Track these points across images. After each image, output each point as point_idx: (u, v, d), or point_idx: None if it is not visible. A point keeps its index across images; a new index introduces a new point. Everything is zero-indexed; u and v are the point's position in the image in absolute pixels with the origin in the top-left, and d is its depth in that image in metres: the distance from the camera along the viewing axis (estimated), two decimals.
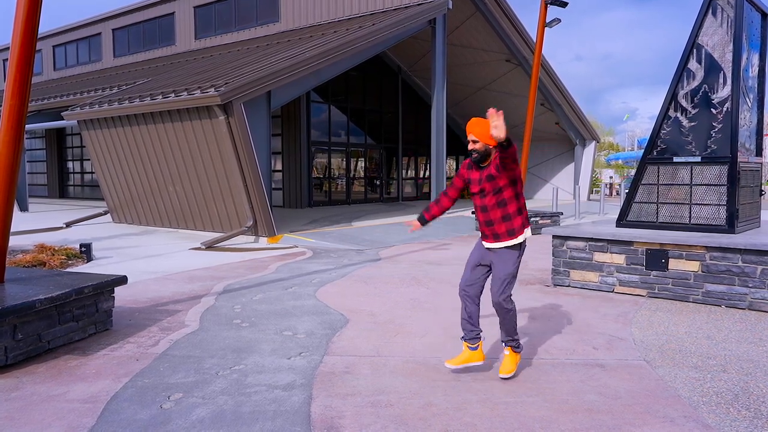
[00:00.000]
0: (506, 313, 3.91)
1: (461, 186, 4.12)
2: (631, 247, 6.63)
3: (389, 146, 23.07)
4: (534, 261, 9.08)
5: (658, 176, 6.96)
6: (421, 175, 24.95)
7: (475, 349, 4.01)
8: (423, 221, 4.23)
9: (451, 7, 15.78)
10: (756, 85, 7.16)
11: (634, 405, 3.58)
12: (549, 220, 13.55)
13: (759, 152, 7.28)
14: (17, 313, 4.17)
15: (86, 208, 19.17)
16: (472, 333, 4.00)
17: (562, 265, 7.15)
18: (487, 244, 3.98)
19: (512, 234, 3.90)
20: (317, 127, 19.95)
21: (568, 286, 7.10)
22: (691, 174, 6.74)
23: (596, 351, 4.62)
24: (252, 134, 10.96)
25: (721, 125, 6.54)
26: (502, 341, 4.07)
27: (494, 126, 3.40)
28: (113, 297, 5.22)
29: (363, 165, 22.32)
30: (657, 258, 6.43)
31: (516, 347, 4.04)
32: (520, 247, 3.95)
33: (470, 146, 3.89)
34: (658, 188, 6.97)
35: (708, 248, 6.14)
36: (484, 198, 3.91)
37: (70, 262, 8.72)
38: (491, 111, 3.43)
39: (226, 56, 17.40)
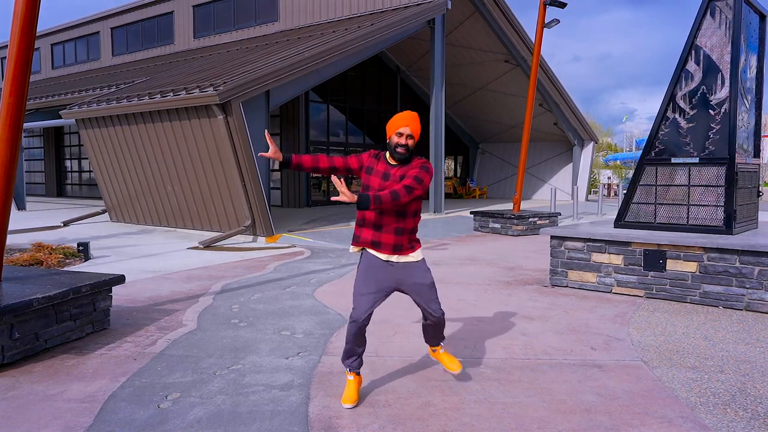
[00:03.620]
0: (443, 322, 3.68)
1: (351, 168, 3.58)
2: (629, 248, 6.63)
3: None
4: (532, 261, 9.09)
5: (656, 177, 6.97)
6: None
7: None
8: (288, 158, 3.62)
9: (450, 7, 15.78)
10: (754, 87, 7.17)
11: (631, 405, 3.58)
12: (547, 221, 13.57)
13: (757, 153, 7.29)
14: (14, 312, 4.16)
15: (84, 207, 19.14)
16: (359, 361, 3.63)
17: (560, 266, 7.16)
18: (383, 256, 3.52)
19: (412, 248, 3.58)
20: (316, 127, 19.95)
21: (566, 286, 7.11)
22: (689, 175, 6.75)
23: (594, 351, 4.62)
24: (250, 134, 10.95)
25: (719, 126, 6.55)
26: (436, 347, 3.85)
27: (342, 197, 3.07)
28: (111, 296, 5.22)
29: None
30: (655, 258, 6.44)
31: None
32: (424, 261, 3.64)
33: (402, 140, 3.41)
34: (656, 189, 6.98)
35: (706, 249, 6.15)
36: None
37: (67, 261, 8.71)
38: (334, 179, 3.11)
39: (225, 55, 17.38)
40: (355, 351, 3.57)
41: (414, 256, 3.61)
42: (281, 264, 8.79)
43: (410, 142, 3.43)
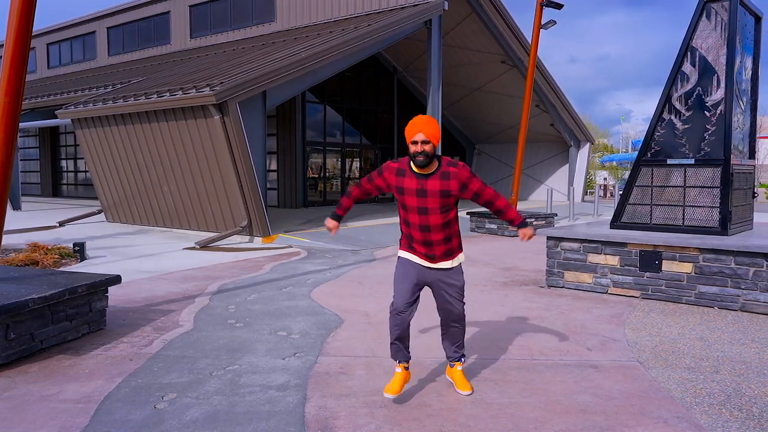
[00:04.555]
0: (464, 326, 3.74)
1: (381, 188, 3.66)
2: (625, 249, 6.65)
3: (385, 146, 23.07)
4: (528, 262, 9.11)
5: (652, 178, 6.99)
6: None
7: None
8: (337, 218, 3.90)
9: (446, 8, 15.79)
10: (749, 88, 7.20)
11: (627, 406, 3.59)
12: (543, 221, 13.59)
13: (752, 155, 7.32)
14: (10, 313, 4.15)
15: (80, 207, 19.09)
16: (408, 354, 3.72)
17: (556, 266, 7.17)
18: (424, 263, 3.60)
19: (451, 255, 3.60)
20: (312, 127, 19.94)
21: (562, 287, 7.12)
22: (685, 176, 6.78)
23: (590, 352, 4.63)
24: (247, 134, 10.94)
25: (714, 128, 6.58)
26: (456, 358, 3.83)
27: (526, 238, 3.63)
28: (107, 296, 5.20)
29: (358, 165, 22.31)
30: (650, 259, 6.46)
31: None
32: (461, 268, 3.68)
33: (419, 148, 3.35)
34: (651, 190, 7.00)
35: (701, 250, 6.17)
36: (427, 216, 3.47)
37: (63, 261, 8.69)
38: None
39: (222, 56, 17.36)
40: (400, 346, 3.64)
41: (455, 261, 3.66)
42: (278, 264, 8.78)
43: (427, 147, 3.36)
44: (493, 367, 4.24)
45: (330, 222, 3.92)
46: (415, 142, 3.37)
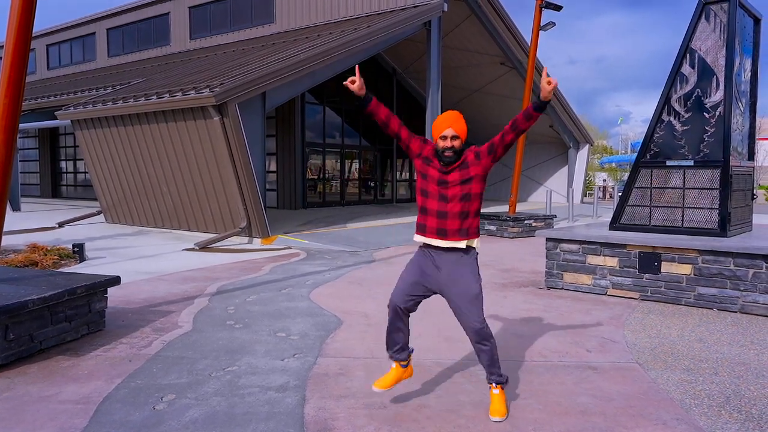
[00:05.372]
0: (489, 339, 3.39)
1: (411, 148, 3.48)
2: (624, 250, 6.66)
3: (384, 148, 23.08)
4: (527, 263, 9.11)
5: (651, 179, 7.00)
6: (416, 177, 24.97)
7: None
8: (368, 99, 3.45)
9: (446, 9, 15.81)
10: (748, 90, 7.21)
11: (626, 407, 3.59)
12: (542, 223, 13.60)
13: (751, 156, 7.33)
14: (9, 314, 4.15)
15: (79, 208, 19.08)
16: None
17: (555, 268, 7.17)
18: (434, 241, 3.40)
19: (466, 235, 3.38)
20: (312, 129, 19.94)
21: (562, 288, 7.12)
22: (684, 177, 6.78)
23: (589, 353, 4.63)
24: (246, 135, 10.94)
25: (713, 129, 6.59)
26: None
27: (551, 84, 3.19)
28: (106, 297, 5.20)
29: (357, 166, 22.31)
30: (650, 261, 6.46)
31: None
32: (475, 258, 3.45)
33: (448, 143, 3.30)
34: (651, 191, 7.01)
35: (700, 251, 6.18)
36: (446, 203, 3.36)
37: (62, 262, 8.68)
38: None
39: (221, 57, 17.37)
40: (393, 339, 3.55)
41: (469, 243, 3.40)
42: (277, 265, 8.78)
43: (456, 143, 3.31)
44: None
45: (362, 88, 3.43)
46: (444, 137, 3.32)
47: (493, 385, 3.48)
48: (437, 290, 3.46)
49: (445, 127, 3.32)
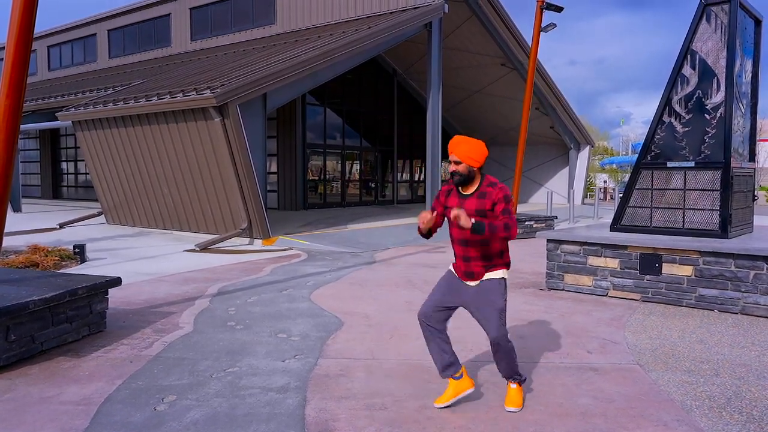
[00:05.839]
0: (510, 352, 3.51)
1: (440, 211, 3.61)
2: (625, 252, 6.65)
3: (384, 149, 23.08)
4: (528, 264, 9.11)
5: (652, 181, 7.00)
6: (417, 178, 24.98)
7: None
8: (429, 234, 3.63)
9: (447, 11, 15.82)
10: (749, 91, 7.21)
11: (627, 408, 3.59)
12: (543, 224, 13.60)
13: (752, 157, 7.33)
14: (10, 315, 4.15)
15: (80, 209, 19.09)
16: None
17: (556, 269, 7.17)
18: (463, 282, 3.58)
19: (491, 268, 3.51)
20: (313, 130, 19.94)
21: (563, 289, 7.12)
22: (685, 179, 6.78)
23: (590, 355, 4.63)
24: (247, 136, 10.94)
25: (714, 131, 6.59)
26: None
27: (461, 221, 3.21)
28: (107, 298, 5.21)
29: (358, 167, 22.31)
30: (651, 262, 6.46)
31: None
32: (503, 283, 3.54)
33: (452, 168, 3.50)
34: (652, 193, 7.01)
35: (701, 253, 6.17)
36: (465, 231, 3.43)
37: (63, 263, 8.69)
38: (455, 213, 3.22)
39: (222, 58, 17.38)
40: (436, 356, 3.59)
41: (496, 274, 3.52)
42: (278, 267, 8.78)
43: (460, 167, 3.45)
44: (493, 370, 4.23)
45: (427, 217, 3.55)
46: (449, 162, 3.55)
47: (512, 381, 3.62)
48: (462, 304, 3.58)
49: (450, 153, 3.51)
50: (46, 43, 29.43)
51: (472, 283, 3.54)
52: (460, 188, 3.54)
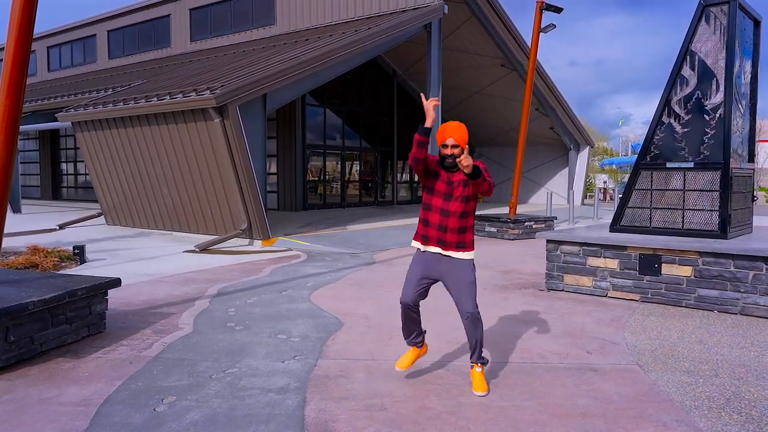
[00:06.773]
0: (478, 324, 3.80)
1: (428, 165, 3.78)
2: (625, 252, 6.66)
3: (384, 150, 23.08)
4: (528, 265, 9.11)
5: (651, 181, 7.00)
6: (416, 179, 24.99)
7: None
8: (428, 133, 3.63)
9: (446, 11, 15.83)
10: (748, 92, 7.22)
11: (627, 409, 3.59)
12: (543, 225, 13.60)
13: (751, 158, 7.33)
14: (9, 316, 4.15)
15: (80, 209, 19.09)
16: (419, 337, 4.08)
17: (555, 270, 7.17)
18: (433, 249, 3.80)
19: (463, 247, 3.77)
20: (312, 130, 19.94)
21: (562, 290, 7.12)
22: (684, 179, 6.78)
23: (590, 355, 4.64)
24: (247, 137, 10.95)
25: (713, 131, 6.59)
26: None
27: (464, 160, 3.51)
28: (106, 299, 5.21)
29: (358, 168, 22.32)
30: (650, 263, 6.46)
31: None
32: (473, 263, 3.81)
33: (448, 151, 3.69)
34: (651, 193, 7.01)
35: (701, 253, 6.18)
36: (449, 202, 3.73)
37: (63, 264, 8.68)
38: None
39: (222, 59, 17.38)
40: (409, 329, 4.00)
41: (466, 255, 3.80)
42: (277, 267, 8.78)
43: (456, 151, 3.68)
44: (492, 371, 4.24)
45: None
46: (445, 146, 3.72)
47: (477, 364, 3.88)
48: (438, 277, 3.86)
49: (446, 137, 3.72)
50: (46, 43, 29.43)
51: (445, 252, 3.78)
52: (452, 169, 3.77)
